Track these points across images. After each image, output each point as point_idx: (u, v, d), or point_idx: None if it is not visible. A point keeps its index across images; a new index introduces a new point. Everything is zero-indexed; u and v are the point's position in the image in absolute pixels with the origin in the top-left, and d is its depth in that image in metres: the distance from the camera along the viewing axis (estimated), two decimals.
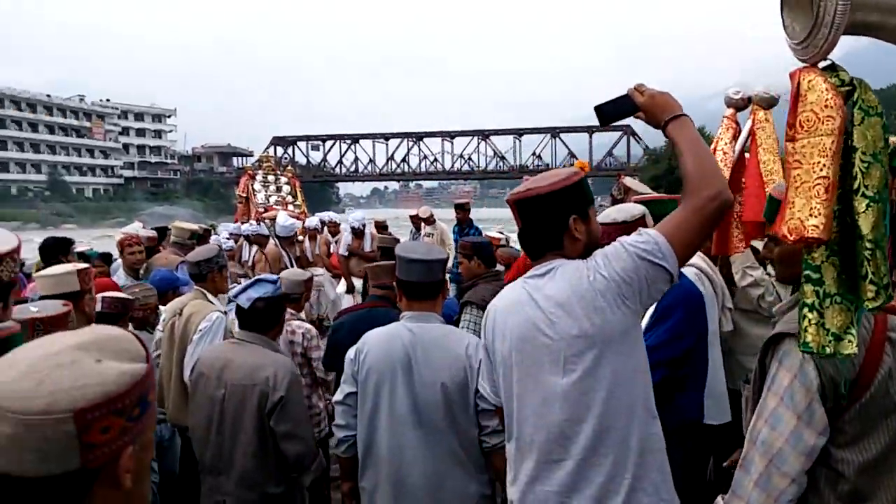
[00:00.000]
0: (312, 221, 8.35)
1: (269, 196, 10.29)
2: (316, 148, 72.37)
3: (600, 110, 1.81)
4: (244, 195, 10.38)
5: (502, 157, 69.40)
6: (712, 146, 2.81)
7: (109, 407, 0.80)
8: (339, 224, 8.58)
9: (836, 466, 1.56)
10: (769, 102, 2.77)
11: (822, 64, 1.44)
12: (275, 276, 2.90)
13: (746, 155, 2.83)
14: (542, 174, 1.81)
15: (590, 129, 67.49)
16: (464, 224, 8.00)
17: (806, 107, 1.39)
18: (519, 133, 69.41)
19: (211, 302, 3.53)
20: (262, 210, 9.39)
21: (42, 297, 2.52)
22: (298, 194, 10.86)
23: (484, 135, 69.05)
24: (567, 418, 1.65)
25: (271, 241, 7.38)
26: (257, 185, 10.46)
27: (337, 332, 3.43)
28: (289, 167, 12.95)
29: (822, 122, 1.36)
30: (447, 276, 3.30)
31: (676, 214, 1.65)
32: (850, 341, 1.40)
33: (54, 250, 4.42)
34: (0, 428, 0.77)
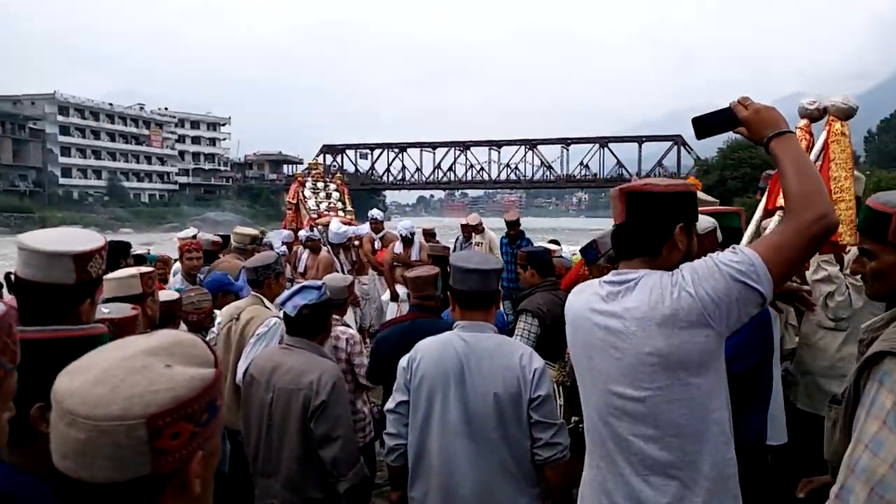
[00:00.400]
0: (363, 229, 8.40)
1: (320, 203, 10.39)
2: (364, 156, 73.45)
3: (699, 123, 1.72)
4: (294, 202, 10.47)
5: (549, 167, 69.03)
6: None
7: (180, 412, 0.79)
8: (381, 221, 8.61)
9: None
10: (847, 113, 2.57)
11: None
12: (319, 283, 2.90)
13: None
14: (658, 178, 1.74)
15: (639, 139, 66.52)
16: (515, 238, 7.82)
17: None
18: (567, 142, 68.91)
19: (267, 308, 3.57)
20: (315, 216, 9.49)
21: (106, 300, 2.56)
22: (347, 201, 10.96)
23: (531, 144, 68.82)
24: (634, 434, 1.60)
25: (324, 247, 7.46)
26: (307, 192, 10.56)
27: (381, 345, 3.40)
28: (338, 174, 13.10)
29: None
30: None
31: (776, 235, 1.57)
32: None
33: (114, 254, 4.54)
34: (73, 434, 0.76)
